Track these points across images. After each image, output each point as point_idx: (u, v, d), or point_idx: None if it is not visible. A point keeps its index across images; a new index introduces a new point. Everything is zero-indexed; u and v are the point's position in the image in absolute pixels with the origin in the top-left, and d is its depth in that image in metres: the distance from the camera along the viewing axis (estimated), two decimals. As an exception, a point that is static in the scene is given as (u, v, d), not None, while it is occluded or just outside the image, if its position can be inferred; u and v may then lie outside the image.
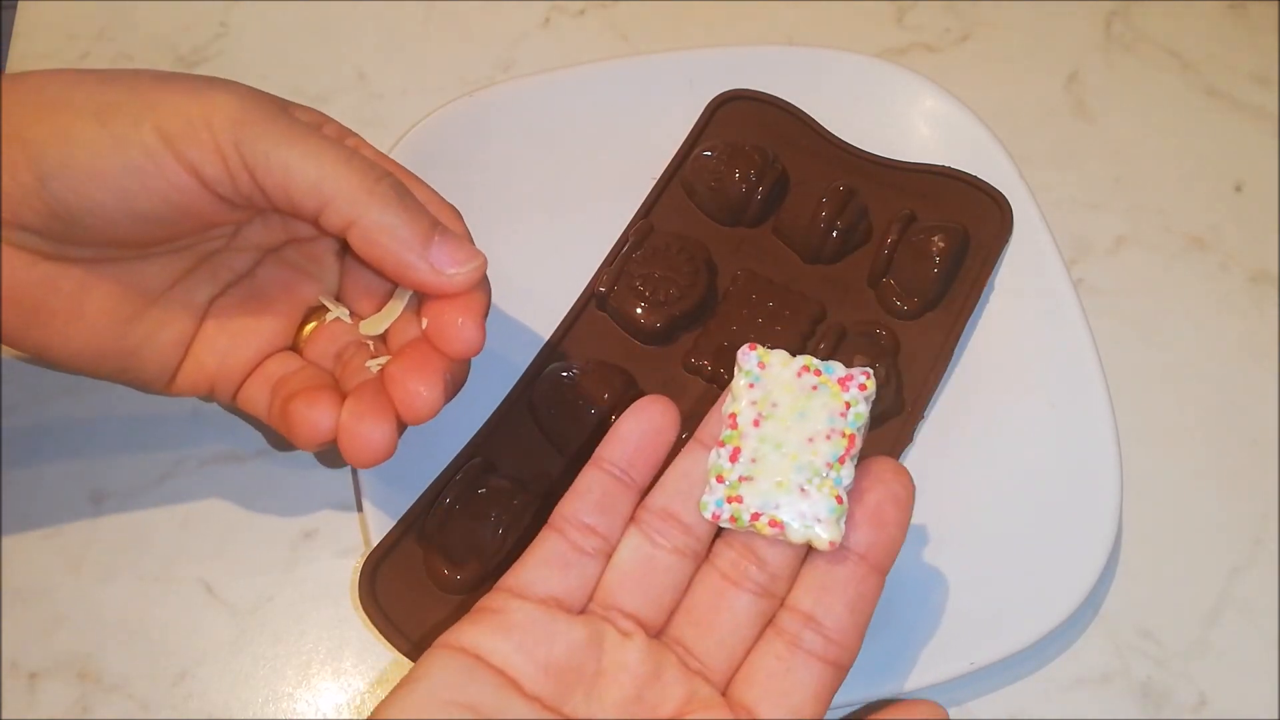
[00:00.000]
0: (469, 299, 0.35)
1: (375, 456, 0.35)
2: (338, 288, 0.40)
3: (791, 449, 0.33)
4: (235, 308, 0.38)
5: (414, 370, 0.35)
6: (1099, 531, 0.41)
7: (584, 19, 0.57)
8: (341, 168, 0.33)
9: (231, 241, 0.38)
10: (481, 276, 0.35)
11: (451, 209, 0.39)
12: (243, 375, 0.38)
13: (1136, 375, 0.47)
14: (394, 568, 0.40)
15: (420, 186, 0.38)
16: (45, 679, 0.40)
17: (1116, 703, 0.41)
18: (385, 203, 0.34)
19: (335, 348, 0.39)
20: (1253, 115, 0.54)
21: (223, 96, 0.33)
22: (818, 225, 0.46)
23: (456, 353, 0.35)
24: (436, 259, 0.34)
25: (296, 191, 0.33)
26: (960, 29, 0.57)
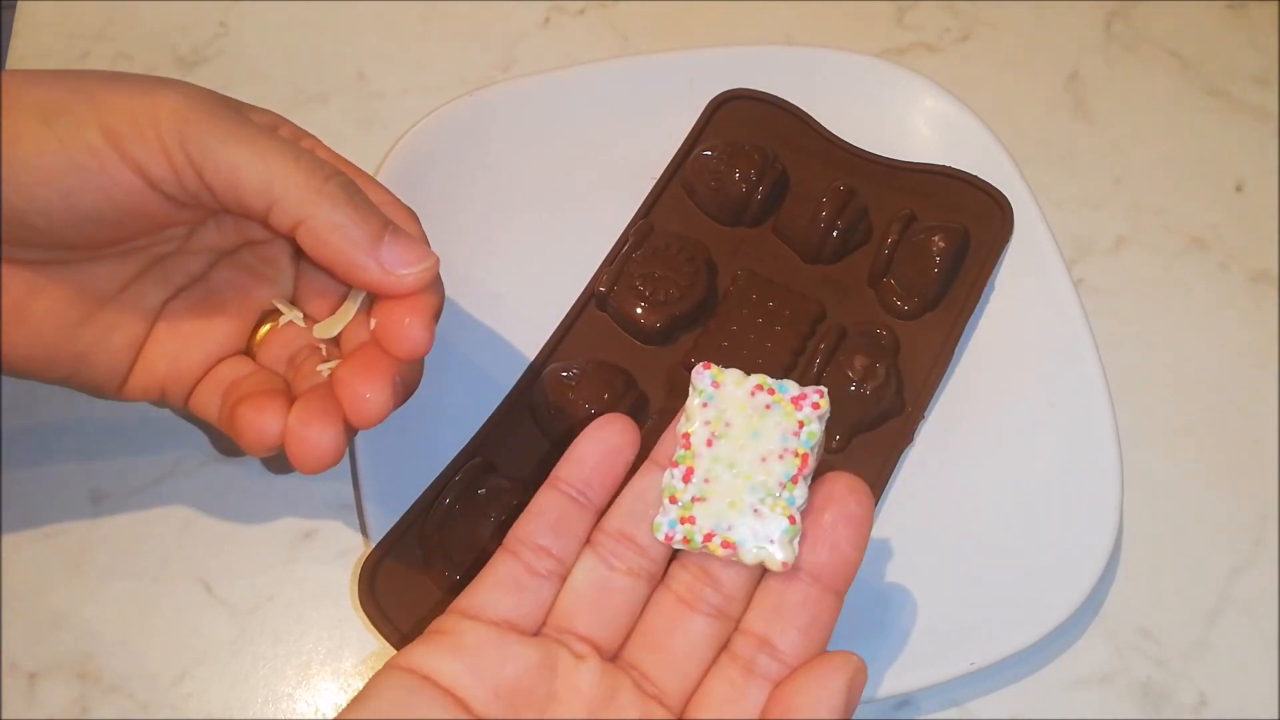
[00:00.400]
0: (418, 300, 0.34)
1: (322, 462, 0.34)
2: (292, 291, 0.39)
3: (744, 469, 0.32)
4: (187, 311, 0.38)
5: (362, 373, 0.34)
6: (1099, 531, 0.41)
7: (584, 19, 0.57)
8: (290, 166, 0.33)
9: (185, 244, 0.38)
10: (433, 278, 0.35)
11: (408, 211, 0.38)
12: (194, 379, 0.38)
13: (1136, 375, 0.47)
14: (394, 568, 0.40)
15: (375, 188, 0.38)
16: (45, 679, 0.40)
17: (1117, 703, 0.41)
18: (334, 201, 0.33)
19: (288, 352, 0.38)
20: (1253, 115, 0.54)
21: (170, 95, 0.33)
22: (818, 225, 0.46)
23: (403, 353, 0.34)
24: (387, 259, 0.34)
25: (244, 190, 0.33)
26: (960, 29, 0.57)
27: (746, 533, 0.32)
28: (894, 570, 0.41)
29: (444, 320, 0.46)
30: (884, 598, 0.41)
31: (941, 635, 0.40)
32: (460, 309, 0.47)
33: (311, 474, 0.34)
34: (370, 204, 0.35)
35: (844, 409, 0.43)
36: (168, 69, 0.54)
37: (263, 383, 0.37)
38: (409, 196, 0.47)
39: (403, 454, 0.42)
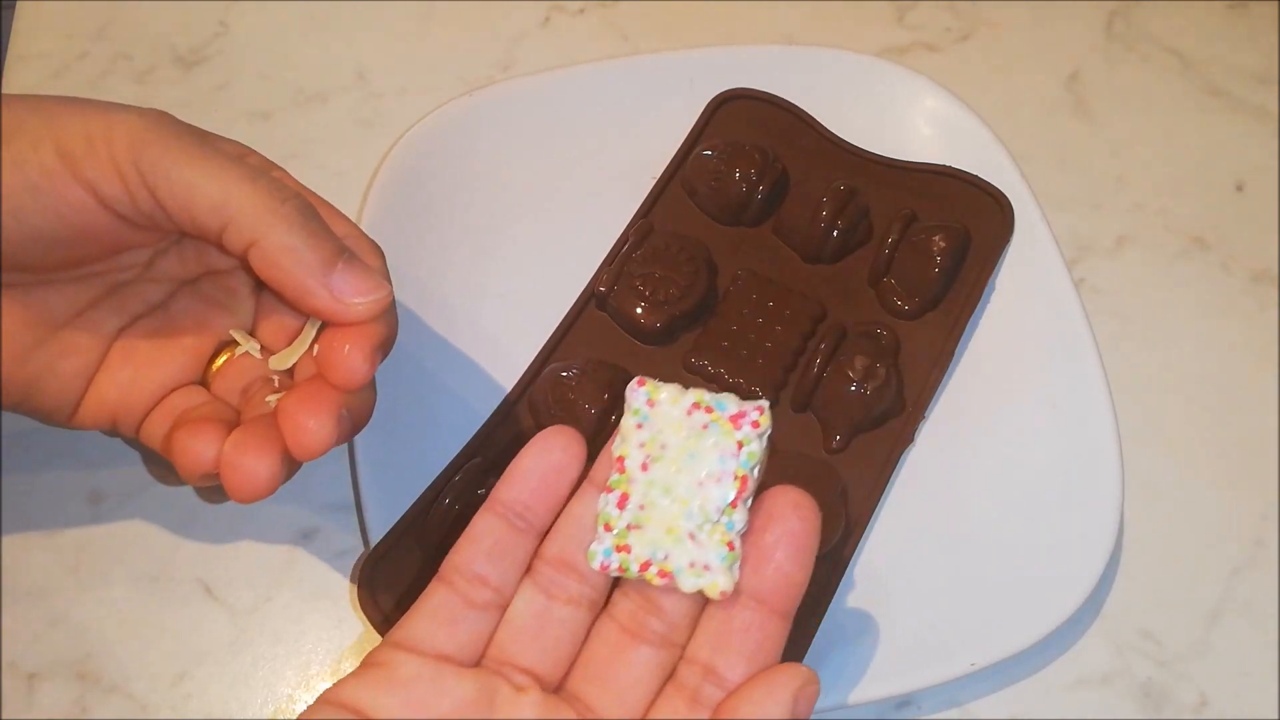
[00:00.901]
0: (363, 329, 0.34)
1: (255, 491, 0.33)
2: (252, 322, 0.39)
3: (681, 494, 0.31)
4: (142, 339, 0.37)
5: (305, 403, 0.33)
6: (1100, 532, 0.41)
7: (584, 18, 0.56)
8: (246, 186, 0.33)
9: (146, 272, 0.37)
10: (384, 309, 0.34)
11: (372, 245, 0.38)
12: (145, 409, 0.37)
13: (1137, 375, 0.47)
14: (393, 568, 0.40)
15: (341, 220, 0.37)
16: (44, 679, 0.40)
17: (1117, 703, 0.41)
18: (289, 223, 0.33)
19: (243, 382, 0.38)
20: (1254, 114, 0.54)
21: (127, 116, 0.33)
22: (818, 225, 0.46)
23: (339, 382, 0.34)
24: (338, 286, 0.33)
25: (198, 209, 0.32)
26: (961, 28, 0.57)
27: (684, 561, 0.31)
28: (894, 570, 0.41)
29: (445, 320, 0.46)
30: (884, 598, 0.41)
31: (941, 635, 0.40)
32: (460, 309, 0.47)
33: (245, 503, 0.34)
34: (327, 230, 0.34)
35: (844, 409, 0.43)
36: (167, 69, 0.54)
37: (213, 412, 0.36)
38: (409, 196, 0.48)
39: (403, 454, 0.42)
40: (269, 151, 0.51)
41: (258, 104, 0.53)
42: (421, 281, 0.47)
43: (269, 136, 0.52)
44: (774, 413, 0.43)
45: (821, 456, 0.43)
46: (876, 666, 0.39)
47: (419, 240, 0.47)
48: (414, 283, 0.46)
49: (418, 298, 0.46)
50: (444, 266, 0.47)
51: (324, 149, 0.52)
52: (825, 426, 0.43)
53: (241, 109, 0.53)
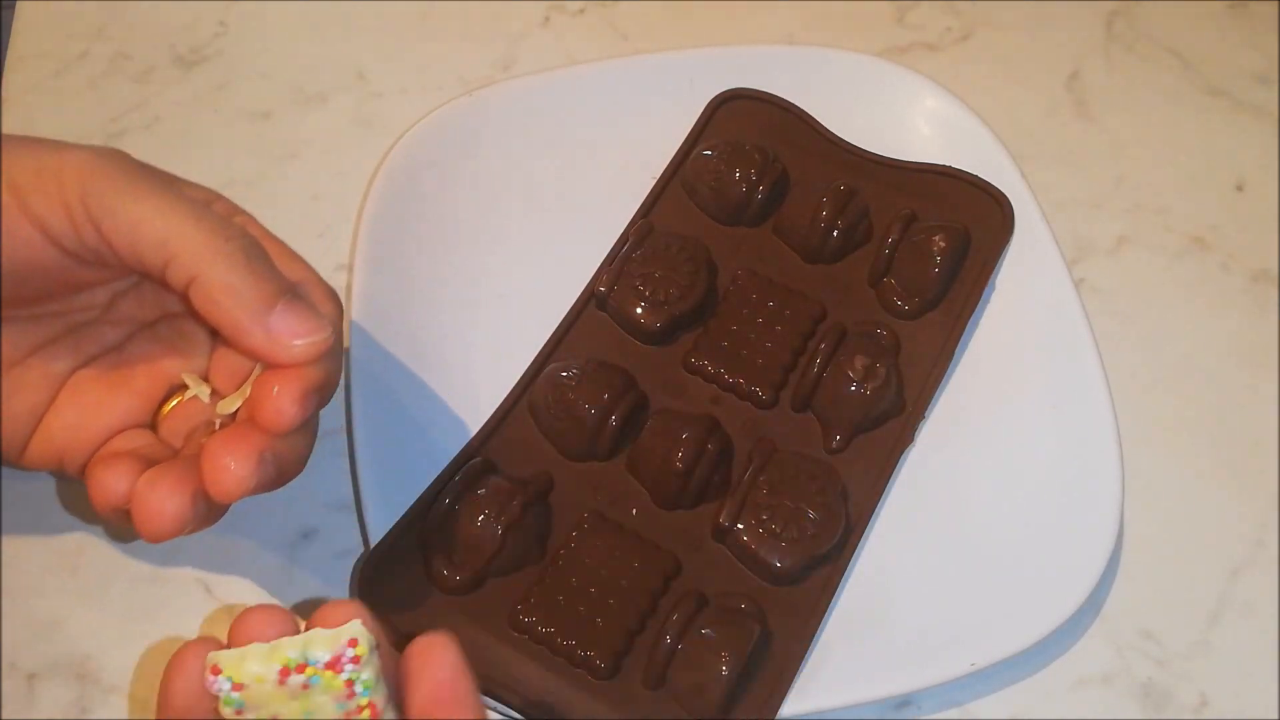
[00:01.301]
0: (297, 372, 0.33)
1: (160, 529, 0.33)
2: (206, 366, 0.38)
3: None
4: (93, 380, 0.37)
5: (227, 443, 0.33)
6: (1100, 532, 0.41)
7: (584, 18, 0.56)
8: (190, 223, 0.32)
9: (105, 314, 0.37)
10: (321, 353, 0.33)
11: (327, 290, 0.37)
12: (91, 450, 0.36)
13: (1137, 375, 0.47)
14: (393, 568, 0.40)
15: (298, 264, 0.37)
16: (44, 679, 0.40)
17: (1118, 703, 0.41)
18: (231, 261, 0.32)
19: (189, 426, 0.37)
20: (1254, 114, 0.54)
21: (80, 153, 0.32)
22: (818, 225, 0.46)
23: (265, 424, 0.33)
24: (276, 326, 0.32)
25: (142, 244, 0.32)
26: (961, 28, 0.57)
27: None
28: (894, 570, 0.41)
29: (444, 320, 0.46)
30: (884, 598, 0.41)
31: (942, 635, 0.40)
32: (460, 309, 0.47)
33: (154, 541, 0.33)
34: (271, 270, 0.33)
35: (844, 409, 0.43)
36: (167, 68, 0.54)
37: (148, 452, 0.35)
38: (409, 196, 0.48)
39: (403, 454, 0.42)
40: (269, 151, 0.52)
41: (258, 104, 0.53)
42: (421, 281, 0.47)
43: (269, 136, 0.52)
44: (774, 413, 0.44)
45: (821, 456, 0.43)
46: (876, 666, 0.39)
47: (419, 240, 0.47)
48: (413, 283, 0.46)
49: (417, 298, 0.46)
50: (444, 266, 0.47)
51: (324, 149, 0.52)
52: (825, 426, 0.43)
53: (241, 109, 0.53)
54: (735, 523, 0.40)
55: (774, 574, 0.40)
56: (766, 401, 0.44)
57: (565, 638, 0.38)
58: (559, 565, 0.40)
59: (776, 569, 0.40)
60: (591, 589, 0.39)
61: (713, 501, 0.42)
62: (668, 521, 0.42)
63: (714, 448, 0.41)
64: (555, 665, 0.38)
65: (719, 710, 0.37)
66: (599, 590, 0.39)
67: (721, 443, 0.42)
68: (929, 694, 0.40)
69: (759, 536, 0.40)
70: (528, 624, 0.39)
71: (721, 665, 0.37)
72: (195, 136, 0.52)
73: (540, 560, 0.40)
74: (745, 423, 0.44)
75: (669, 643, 0.37)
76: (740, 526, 0.40)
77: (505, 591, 0.40)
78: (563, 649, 0.38)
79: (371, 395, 0.43)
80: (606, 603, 0.39)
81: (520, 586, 0.40)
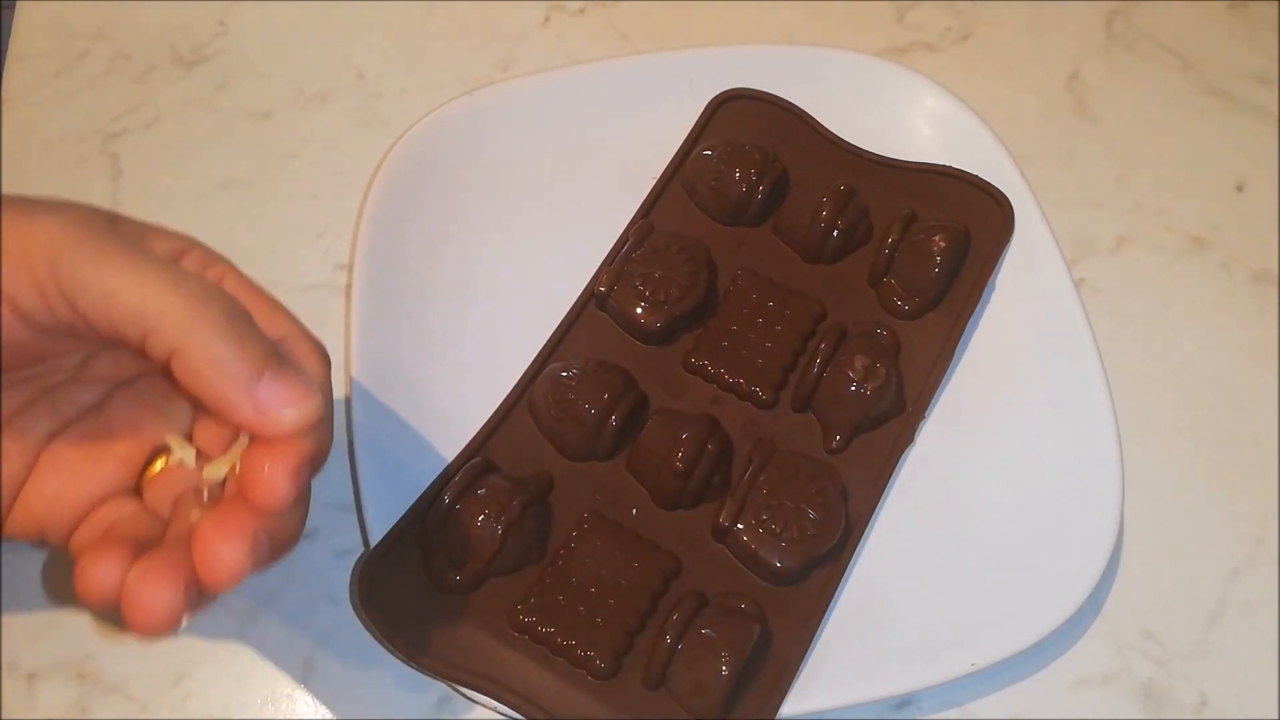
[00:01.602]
0: (287, 445, 0.31)
1: (154, 627, 0.31)
2: (189, 425, 0.36)
3: None
4: (73, 446, 0.35)
5: (221, 527, 0.31)
6: (1100, 532, 0.41)
7: (584, 18, 0.56)
8: (168, 291, 0.30)
9: (79, 374, 0.35)
10: (314, 422, 0.31)
11: (313, 345, 0.35)
12: (74, 521, 0.34)
13: (1137, 375, 0.47)
14: (393, 568, 0.40)
15: (280, 317, 0.35)
16: (45, 679, 0.40)
17: (1118, 703, 0.41)
18: (213, 330, 0.30)
19: (176, 491, 0.35)
20: (1254, 114, 0.54)
21: (46, 220, 0.30)
22: (818, 225, 0.46)
23: (260, 504, 0.31)
24: (264, 397, 0.30)
25: (118, 317, 0.30)
26: (961, 28, 0.57)
27: None
28: (894, 570, 0.41)
29: (445, 320, 0.46)
30: (884, 598, 0.41)
31: (942, 635, 0.40)
32: (460, 309, 0.47)
33: (145, 638, 0.32)
34: (256, 335, 0.31)
35: (844, 409, 0.43)
36: (167, 68, 0.54)
37: (140, 529, 0.34)
38: (409, 196, 0.48)
39: (403, 454, 0.42)
40: (269, 151, 0.52)
41: (258, 104, 0.53)
42: (421, 281, 0.47)
43: (269, 136, 0.52)
44: (774, 413, 0.44)
45: (821, 456, 0.43)
46: (876, 666, 0.39)
47: (419, 240, 0.47)
48: (413, 283, 0.46)
49: (417, 297, 0.46)
50: (444, 266, 0.47)
51: (324, 149, 0.52)
52: (825, 426, 0.43)
53: (241, 109, 0.53)
54: (735, 523, 0.40)
55: (774, 574, 0.40)
56: (766, 401, 0.44)
57: (565, 638, 0.38)
58: (559, 565, 0.40)
59: (776, 569, 0.40)
60: (591, 589, 0.39)
61: (713, 501, 0.42)
62: (668, 521, 0.42)
63: (714, 448, 0.41)
64: (555, 665, 0.38)
65: (719, 710, 0.37)
66: (599, 590, 0.39)
67: (721, 443, 0.42)
68: (929, 694, 0.40)
69: (759, 536, 0.40)
70: (528, 624, 0.39)
71: (721, 665, 0.37)
72: (195, 136, 0.52)
73: (540, 560, 0.40)
74: (745, 423, 0.44)
75: (669, 643, 0.37)
76: (740, 526, 0.40)
77: (505, 591, 0.40)
78: (563, 649, 0.38)
79: (371, 396, 0.43)
80: (606, 603, 0.39)
81: (520, 586, 0.40)
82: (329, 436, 0.34)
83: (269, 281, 0.48)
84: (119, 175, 0.51)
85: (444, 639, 0.39)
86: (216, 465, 0.34)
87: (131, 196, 0.51)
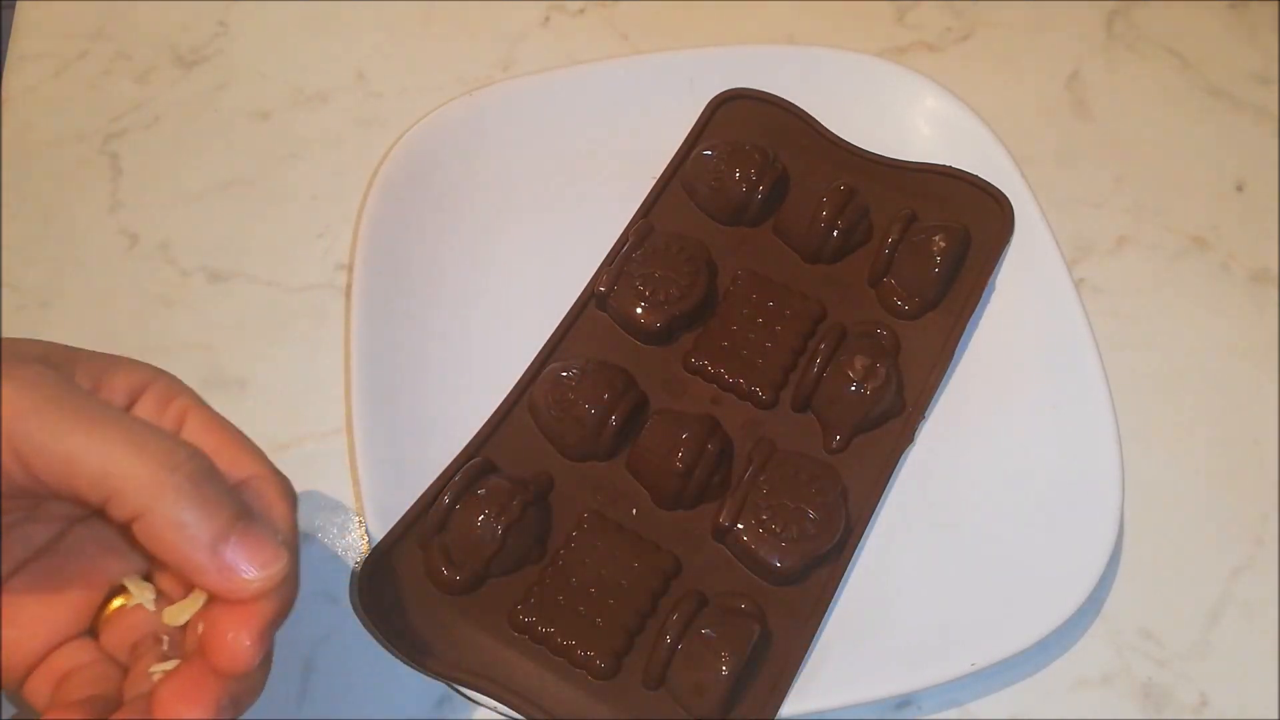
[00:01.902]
0: (250, 608, 0.30)
1: None
2: (148, 565, 0.35)
3: None
4: (26, 590, 0.33)
5: (182, 694, 0.30)
6: (1100, 532, 0.41)
7: (584, 18, 0.56)
8: (131, 454, 0.29)
9: (32, 513, 0.33)
10: (279, 583, 0.30)
11: (282, 486, 0.34)
12: (29, 667, 0.33)
13: (1137, 375, 0.47)
14: (393, 568, 0.40)
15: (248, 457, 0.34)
16: (44, 679, 0.40)
17: (1118, 703, 0.41)
18: (178, 494, 0.29)
19: (136, 635, 0.34)
20: (1254, 115, 0.54)
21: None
22: (818, 225, 0.46)
23: (223, 667, 0.30)
24: (230, 558, 0.30)
25: (79, 483, 0.29)
26: (961, 28, 0.57)
27: None
28: (894, 570, 0.41)
29: (445, 320, 0.46)
30: (884, 598, 0.41)
31: (941, 635, 0.40)
32: (460, 309, 0.47)
33: None
34: (223, 495, 0.30)
35: (844, 409, 0.43)
36: (167, 68, 0.54)
37: (96, 679, 0.33)
38: (409, 196, 0.48)
39: (403, 454, 0.42)
40: (269, 151, 0.52)
41: (258, 104, 0.53)
42: (421, 281, 0.47)
43: (269, 136, 0.52)
44: (774, 413, 0.44)
45: (821, 456, 0.43)
46: (876, 666, 0.39)
47: (418, 240, 0.47)
48: (413, 283, 0.46)
49: (417, 298, 0.46)
50: (444, 266, 0.47)
51: (324, 149, 0.52)
52: (825, 426, 0.43)
53: (241, 109, 0.53)
54: (735, 522, 0.40)
55: (774, 574, 0.40)
56: (766, 402, 0.44)
57: (565, 638, 0.38)
58: (559, 565, 0.40)
59: (776, 569, 0.40)
60: (591, 589, 0.39)
61: (713, 502, 0.42)
62: (668, 521, 0.42)
63: (714, 448, 0.41)
64: (555, 665, 0.38)
65: (719, 710, 0.37)
66: (599, 590, 0.39)
67: (721, 443, 0.42)
68: (929, 694, 0.40)
69: (759, 537, 0.40)
70: (528, 624, 0.39)
71: (721, 665, 0.37)
72: (195, 136, 0.52)
73: (540, 560, 0.40)
74: (745, 423, 0.44)
75: (669, 643, 0.37)
76: (740, 526, 0.40)
77: (505, 591, 0.40)
78: (563, 649, 0.38)
79: (371, 396, 0.43)
80: (606, 603, 0.39)
81: (520, 586, 0.40)
82: (294, 590, 0.32)
83: (269, 281, 0.49)
84: (119, 175, 0.51)
85: (444, 639, 0.39)
86: (177, 611, 0.33)
87: (131, 196, 0.51)
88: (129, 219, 0.50)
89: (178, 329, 0.47)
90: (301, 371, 0.46)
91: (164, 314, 0.48)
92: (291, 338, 0.47)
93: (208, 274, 0.49)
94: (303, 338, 0.47)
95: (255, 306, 0.48)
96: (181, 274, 0.49)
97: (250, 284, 0.49)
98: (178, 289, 0.48)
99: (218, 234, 0.50)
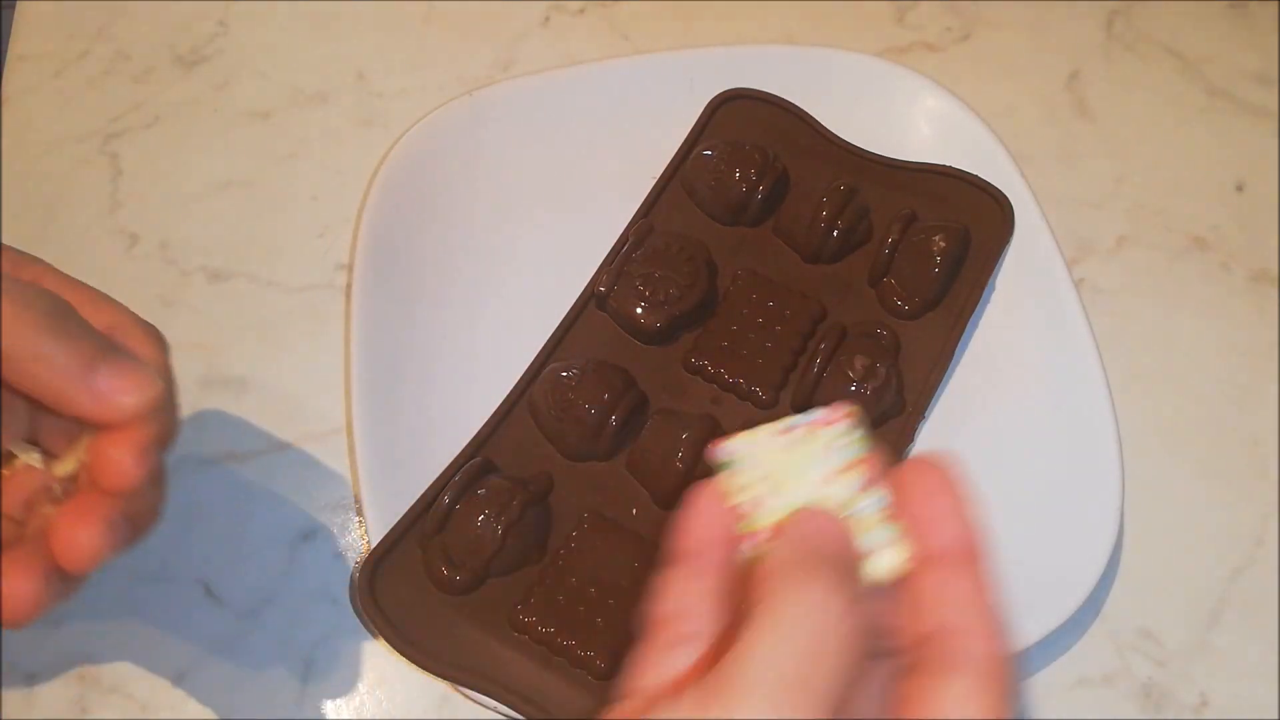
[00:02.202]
0: (133, 430, 0.31)
1: (23, 614, 0.31)
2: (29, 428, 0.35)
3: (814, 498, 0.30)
4: None
5: (75, 516, 0.31)
6: (1100, 532, 0.41)
7: (584, 18, 0.56)
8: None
9: None
10: (155, 404, 0.31)
11: (147, 331, 0.35)
12: None
13: (1137, 375, 0.47)
14: (393, 568, 0.40)
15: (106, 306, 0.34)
16: (44, 679, 0.40)
17: (1118, 703, 0.41)
18: (36, 329, 0.30)
19: (28, 494, 0.34)
20: (1254, 115, 0.54)
21: None
22: (818, 225, 0.46)
23: (111, 486, 0.31)
24: (102, 386, 0.31)
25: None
26: (961, 28, 0.57)
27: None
28: (894, 570, 0.41)
29: (445, 320, 0.46)
30: (884, 598, 0.41)
31: (942, 635, 0.39)
32: (460, 309, 0.47)
33: (16, 628, 0.32)
34: (83, 328, 0.31)
35: (844, 409, 0.43)
36: (167, 68, 0.54)
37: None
38: (409, 196, 0.48)
39: (403, 454, 0.42)
40: (269, 151, 0.52)
41: (258, 104, 0.53)
42: (421, 281, 0.47)
43: (269, 136, 0.52)
44: (774, 413, 0.44)
45: (821, 456, 0.43)
46: (876, 666, 0.39)
47: (418, 240, 0.47)
48: (413, 283, 0.46)
49: (417, 298, 0.46)
50: (443, 266, 0.47)
51: (324, 149, 0.52)
52: (825, 426, 0.43)
53: (241, 109, 0.53)
54: (735, 523, 0.40)
55: (774, 574, 0.40)
56: (766, 402, 0.44)
57: (565, 638, 0.38)
58: (559, 565, 0.40)
59: (776, 569, 0.40)
60: (591, 589, 0.39)
61: (713, 501, 0.42)
62: (668, 522, 0.41)
63: (714, 448, 0.41)
64: (555, 665, 0.38)
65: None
66: (599, 590, 0.39)
67: (721, 443, 0.42)
68: (929, 694, 0.40)
69: (759, 536, 0.40)
70: (528, 624, 0.39)
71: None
72: (195, 136, 0.52)
73: (540, 560, 0.40)
74: (745, 423, 0.43)
75: None
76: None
77: (505, 591, 0.40)
78: (563, 649, 0.38)
79: (371, 395, 0.43)
80: (606, 603, 0.39)
81: (520, 586, 0.40)
82: (174, 418, 0.34)
83: (269, 281, 0.49)
84: (119, 175, 0.51)
85: (444, 639, 0.39)
86: (64, 462, 0.34)
87: (131, 196, 0.51)
88: (129, 219, 0.50)
89: (177, 329, 0.47)
90: (301, 371, 0.46)
91: (164, 314, 0.48)
92: (291, 337, 0.47)
93: (207, 274, 0.49)
94: (303, 337, 0.47)
95: (255, 306, 0.48)
96: (181, 274, 0.49)
97: (250, 284, 0.49)
98: (177, 289, 0.48)
99: (217, 234, 0.50)
